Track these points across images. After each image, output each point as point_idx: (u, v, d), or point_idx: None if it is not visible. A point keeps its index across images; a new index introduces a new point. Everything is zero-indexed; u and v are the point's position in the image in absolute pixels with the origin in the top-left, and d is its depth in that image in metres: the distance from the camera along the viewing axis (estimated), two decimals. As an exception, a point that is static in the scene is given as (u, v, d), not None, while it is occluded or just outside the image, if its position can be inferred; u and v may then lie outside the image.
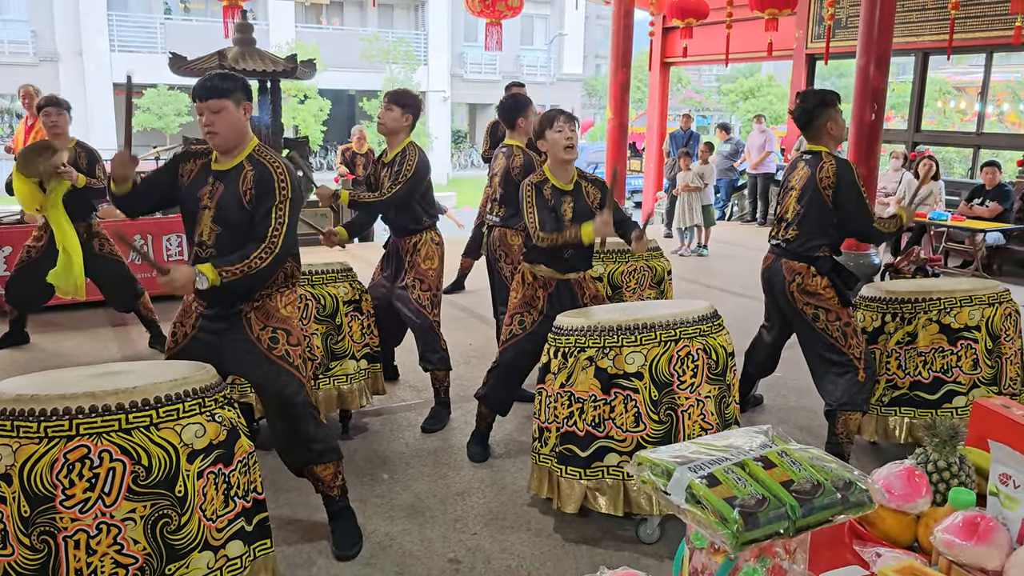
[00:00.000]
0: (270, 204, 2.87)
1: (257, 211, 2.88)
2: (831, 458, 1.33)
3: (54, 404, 2.23)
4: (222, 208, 2.91)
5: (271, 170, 2.90)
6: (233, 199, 2.90)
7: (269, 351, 2.97)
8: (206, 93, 2.86)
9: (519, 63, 30.83)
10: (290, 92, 23.77)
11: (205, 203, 2.93)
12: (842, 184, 3.72)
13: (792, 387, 5.06)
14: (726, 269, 9.06)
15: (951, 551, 1.40)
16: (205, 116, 2.87)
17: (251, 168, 2.91)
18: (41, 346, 5.78)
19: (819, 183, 3.76)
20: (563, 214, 3.72)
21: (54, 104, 5.35)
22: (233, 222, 2.90)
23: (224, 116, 2.87)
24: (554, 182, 3.74)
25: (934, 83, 19.76)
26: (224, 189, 2.91)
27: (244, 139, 2.96)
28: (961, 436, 1.68)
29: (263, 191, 2.88)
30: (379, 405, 4.64)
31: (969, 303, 3.90)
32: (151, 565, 2.29)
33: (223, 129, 2.87)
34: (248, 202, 2.89)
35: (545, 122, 3.69)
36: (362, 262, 4.69)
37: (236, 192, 2.90)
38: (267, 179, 2.89)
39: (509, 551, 3.19)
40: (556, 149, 3.69)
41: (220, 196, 2.91)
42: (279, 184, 2.89)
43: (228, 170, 2.93)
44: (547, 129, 3.68)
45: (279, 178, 2.89)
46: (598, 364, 3.13)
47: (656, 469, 1.29)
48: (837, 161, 3.77)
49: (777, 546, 1.23)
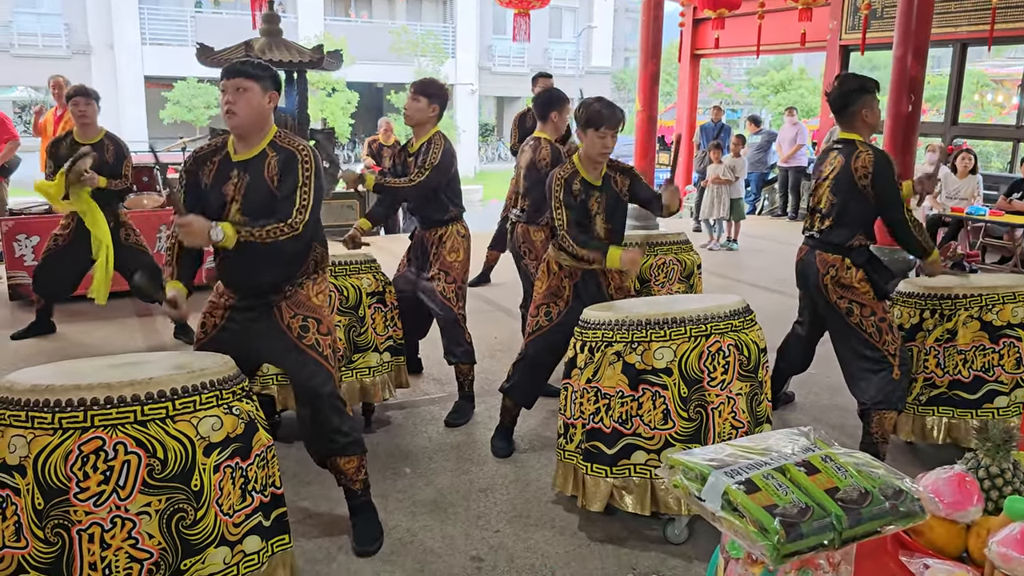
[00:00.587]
0: (293, 184, 2.84)
1: (280, 191, 2.84)
2: (879, 463, 1.23)
3: (69, 395, 2.19)
4: (249, 198, 2.87)
5: (295, 152, 2.87)
6: (260, 186, 2.86)
7: (299, 339, 2.94)
8: (234, 72, 2.83)
9: (547, 56, 30.69)
10: (318, 85, 23.83)
11: (232, 196, 2.89)
12: (880, 178, 3.59)
13: (825, 385, 4.93)
14: (756, 264, 8.91)
15: (1008, 565, 1.30)
16: (228, 94, 2.82)
17: (275, 154, 2.88)
18: (67, 336, 5.79)
19: (854, 172, 3.63)
20: (590, 208, 3.65)
21: (83, 94, 5.34)
22: (260, 210, 2.85)
23: (247, 97, 2.82)
24: (584, 175, 3.65)
25: (971, 76, 19.34)
26: (250, 178, 2.87)
27: (265, 127, 2.91)
28: (1015, 440, 1.58)
29: (287, 171, 2.85)
30: (402, 398, 4.59)
31: (1012, 300, 3.76)
32: (166, 560, 2.24)
33: (243, 110, 2.82)
34: (276, 187, 2.85)
35: (592, 120, 3.56)
36: (387, 254, 4.65)
37: (262, 179, 2.86)
38: (291, 161, 2.86)
39: (533, 549, 3.12)
40: (591, 151, 3.62)
41: (247, 186, 2.87)
42: (303, 165, 2.86)
43: (251, 159, 2.89)
44: (591, 128, 3.58)
45: (303, 159, 2.86)
46: (626, 359, 3.04)
47: (689, 473, 1.21)
48: (874, 151, 3.64)
49: (820, 558, 1.15)
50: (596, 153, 3.61)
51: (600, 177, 3.69)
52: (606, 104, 3.64)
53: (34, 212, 6.80)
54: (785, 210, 12.28)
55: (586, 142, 3.62)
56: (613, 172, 3.73)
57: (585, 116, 3.60)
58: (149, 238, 6.18)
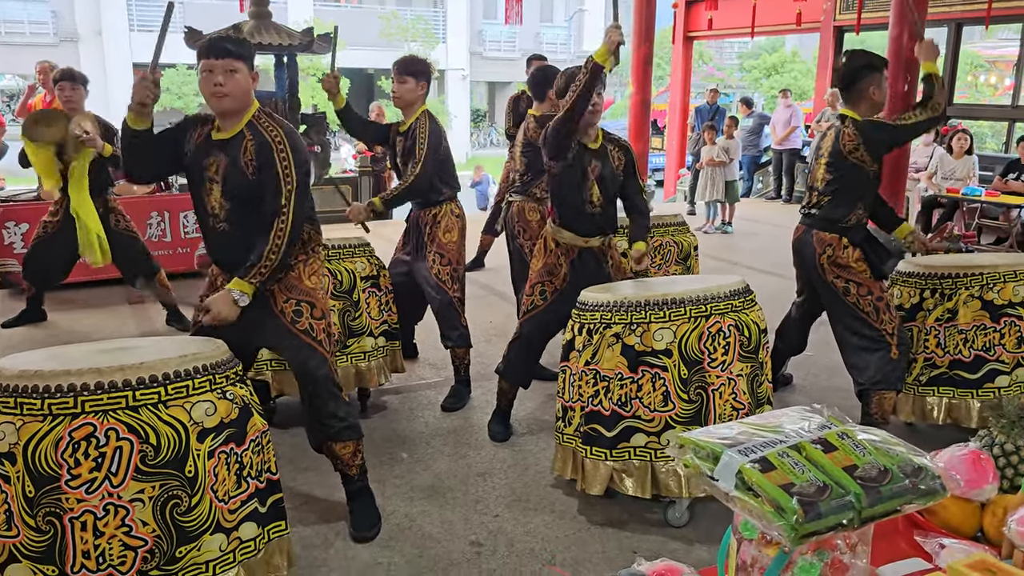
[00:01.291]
0: (275, 181, 2.77)
1: (265, 187, 2.78)
2: (897, 440, 1.20)
3: (59, 380, 2.14)
4: (229, 182, 2.81)
5: (268, 139, 2.79)
6: (236, 170, 2.80)
7: (292, 324, 2.90)
8: (221, 51, 2.75)
9: (539, 40, 30.47)
10: (308, 71, 23.62)
11: (212, 176, 2.84)
12: (869, 141, 3.59)
13: (823, 366, 4.91)
14: (752, 246, 8.88)
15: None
16: (218, 75, 2.74)
17: (251, 137, 2.81)
18: (58, 323, 5.72)
19: (842, 148, 3.63)
20: (587, 169, 3.58)
21: (69, 78, 5.25)
22: (242, 195, 2.81)
23: (236, 79, 2.76)
24: (581, 139, 3.59)
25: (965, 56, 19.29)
26: (228, 161, 2.81)
27: (247, 106, 2.85)
28: (1030, 417, 1.54)
29: (264, 163, 2.78)
30: (398, 383, 4.54)
31: (1013, 278, 3.73)
32: (161, 547, 2.19)
33: (233, 90, 2.76)
34: (252, 173, 2.79)
35: (571, 83, 3.50)
36: (381, 239, 4.59)
37: (238, 162, 2.80)
38: (266, 149, 2.78)
39: (532, 534, 3.09)
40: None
41: (225, 169, 2.81)
42: (278, 150, 2.78)
43: (229, 139, 2.83)
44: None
45: (277, 146, 2.78)
46: (625, 341, 3.00)
47: (700, 452, 1.16)
48: (854, 123, 3.63)
49: (837, 539, 1.11)
50: (588, 114, 3.51)
51: (597, 141, 3.62)
52: (580, 67, 3.56)
53: (23, 199, 6.72)
54: (780, 193, 12.24)
55: None
56: (611, 145, 3.66)
57: (564, 82, 3.57)
58: (139, 225, 6.10)
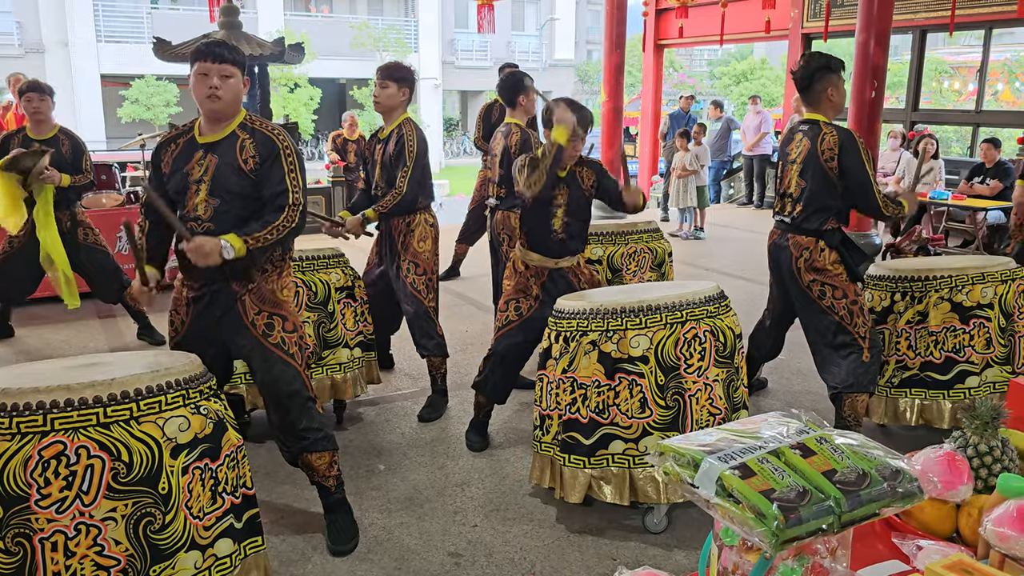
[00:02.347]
0: (281, 171, 2.81)
1: (268, 179, 2.81)
2: (874, 444, 1.20)
3: (27, 398, 2.10)
4: (218, 180, 2.80)
5: (271, 136, 2.84)
6: (230, 168, 2.80)
7: (264, 337, 2.88)
8: (219, 57, 2.78)
9: (510, 49, 30.58)
10: (280, 81, 23.51)
11: (197, 177, 2.82)
12: (845, 153, 3.57)
13: (796, 369, 4.95)
14: (725, 252, 8.94)
15: (1005, 544, 1.27)
16: (214, 78, 2.77)
17: (247, 136, 2.83)
18: (25, 339, 5.63)
19: (820, 155, 3.61)
20: (555, 198, 3.65)
21: (36, 89, 5.19)
22: (232, 192, 2.80)
23: (231, 84, 2.81)
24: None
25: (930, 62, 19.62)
26: (219, 160, 2.81)
27: (237, 111, 2.89)
28: (1003, 417, 1.56)
29: (268, 157, 2.81)
30: (374, 394, 4.51)
31: (981, 280, 3.78)
32: (134, 567, 2.16)
33: (227, 95, 2.79)
34: (251, 171, 2.80)
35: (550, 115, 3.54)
36: (354, 248, 4.56)
37: (233, 161, 2.80)
38: (270, 144, 2.82)
39: (511, 543, 3.08)
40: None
41: (216, 168, 2.80)
42: (284, 148, 2.83)
43: (220, 140, 2.83)
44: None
45: (282, 142, 2.84)
46: (601, 348, 3.01)
47: (680, 459, 1.16)
48: (839, 131, 3.63)
49: (818, 543, 1.11)
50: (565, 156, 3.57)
51: (564, 169, 3.64)
52: (574, 105, 3.60)
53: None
54: (751, 198, 12.33)
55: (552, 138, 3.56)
56: (580, 167, 3.69)
57: (548, 116, 3.57)
58: (109, 237, 6.02)
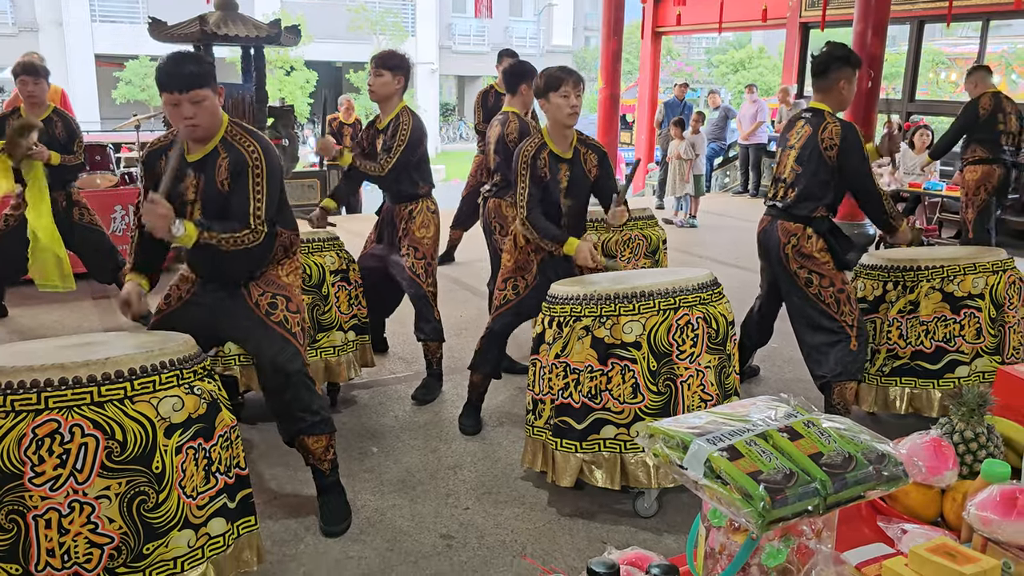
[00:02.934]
0: (245, 192, 2.75)
1: (233, 193, 2.76)
2: (861, 428, 1.22)
3: (21, 376, 2.10)
4: (206, 202, 2.80)
5: (245, 155, 2.77)
6: (213, 189, 2.78)
7: (267, 316, 2.89)
8: (186, 83, 2.64)
9: (508, 34, 30.46)
10: (276, 64, 23.39)
11: (190, 198, 2.81)
12: (848, 149, 3.60)
13: (787, 358, 4.97)
14: (718, 240, 8.96)
15: (987, 528, 1.29)
16: (184, 108, 2.66)
17: (225, 154, 2.78)
18: (19, 319, 5.62)
19: (820, 143, 3.64)
20: (559, 182, 3.59)
21: (31, 72, 5.14)
22: (220, 212, 2.79)
23: (205, 106, 2.69)
24: (552, 148, 3.59)
25: (927, 54, 19.61)
26: (205, 180, 2.79)
27: (218, 123, 2.80)
28: (989, 404, 1.58)
29: (237, 173, 2.76)
30: (368, 378, 4.53)
31: (973, 271, 3.80)
32: (128, 544, 2.17)
33: (205, 120, 2.71)
34: (227, 192, 2.77)
35: (551, 83, 3.49)
36: (349, 233, 4.57)
37: (215, 182, 2.78)
38: (241, 163, 2.76)
39: (503, 526, 3.10)
40: (558, 115, 3.53)
41: (204, 189, 2.79)
42: (253, 166, 2.76)
43: (203, 158, 2.80)
44: (552, 92, 3.49)
45: (253, 161, 2.76)
46: (595, 334, 3.02)
47: (670, 441, 1.18)
48: (842, 123, 3.65)
49: (803, 524, 1.13)
50: (564, 115, 3.52)
51: (570, 149, 3.62)
52: (561, 67, 3.59)
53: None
54: (746, 187, 12.35)
55: (551, 109, 3.54)
56: (584, 148, 3.66)
57: (544, 82, 3.53)
58: (104, 218, 6.02)
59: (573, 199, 3.66)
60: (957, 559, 1.19)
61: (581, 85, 3.53)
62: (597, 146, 3.71)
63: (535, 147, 3.59)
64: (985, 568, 1.18)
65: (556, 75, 3.51)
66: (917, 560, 1.22)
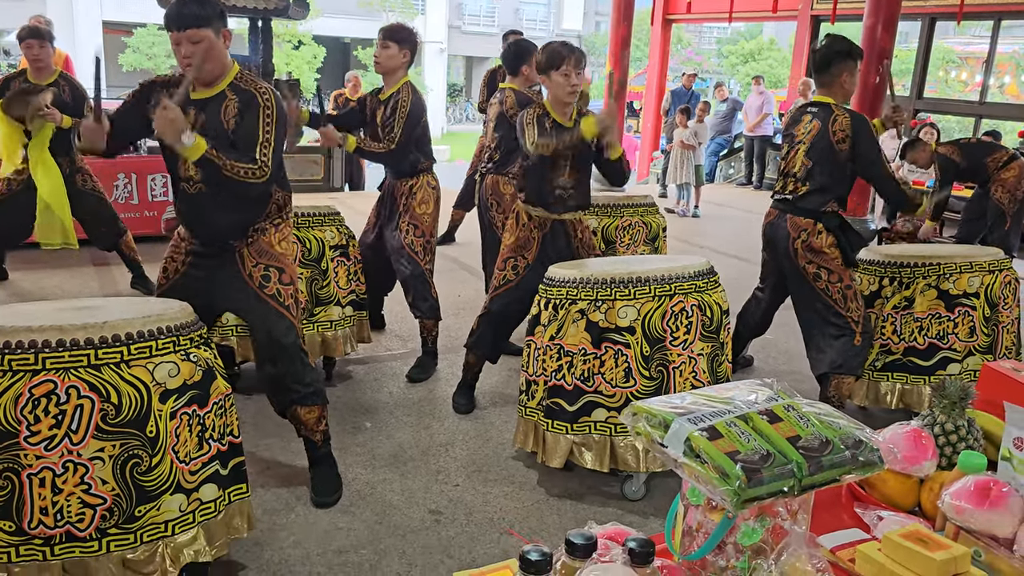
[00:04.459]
0: (253, 127, 2.74)
1: (240, 128, 2.74)
2: (840, 414, 1.24)
3: (19, 336, 2.13)
4: (207, 139, 2.75)
5: (256, 94, 2.77)
6: (216, 128, 2.76)
7: (260, 289, 2.90)
8: (184, 22, 2.67)
9: (518, 16, 30.36)
10: (284, 37, 23.29)
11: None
12: (860, 138, 3.60)
13: (783, 349, 5.00)
14: (721, 231, 8.97)
15: (960, 516, 1.32)
16: (184, 47, 2.69)
17: (234, 96, 2.78)
18: (20, 283, 5.65)
19: (832, 136, 3.64)
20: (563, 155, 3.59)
21: (36, 35, 5.14)
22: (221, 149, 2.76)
23: (205, 47, 2.70)
24: (555, 116, 3.60)
25: (938, 51, 19.52)
26: (207, 118, 2.77)
27: (225, 67, 2.81)
28: (971, 398, 1.60)
29: (246, 113, 2.75)
30: (364, 353, 4.56)
31: (969, 269, 3.83)
32: (120, 506, 2.20)
33: (202, 61, 2.70)
34: (232, 131, 2.76)
35: (553, 60, 3.49)
36: (351, 210, 4.58)
37: (218, 122, 2.76)
38: (252, 102, 2.76)
39: (491, 504, 3.14)
40: (559, 92, 3.54)
41: (203, 127, 2.76)
42: (264, 108, 2.76)
43: (209, 99, 2.79)
44: (552, 70, 3.50)
45: (264, 102, 2.76)
46: (589, 317, 3.04)
47: (652, 420, 1.20)
48: (851, 114, 3.65)
49: (779, 505, 1.15)
50: (564, 93, 3.53)
51: (572, 120, 3.63)
52: (563, 43, 3.59)
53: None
54: (751, 179, 12.34)
55: (552, 86, 3.55)
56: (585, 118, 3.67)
57: (545, 59, 3.54)
58: (106, 186, 6.02)
59: (577, 170, 3.64)
60: (929, 545, 1.22)
61: (583, 63, 3.54)
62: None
63: (540, 111, 3.59)
64: (956, 555, 1.21)
65: (558, 52, 3.51)
66: (890, 545, 1.25)
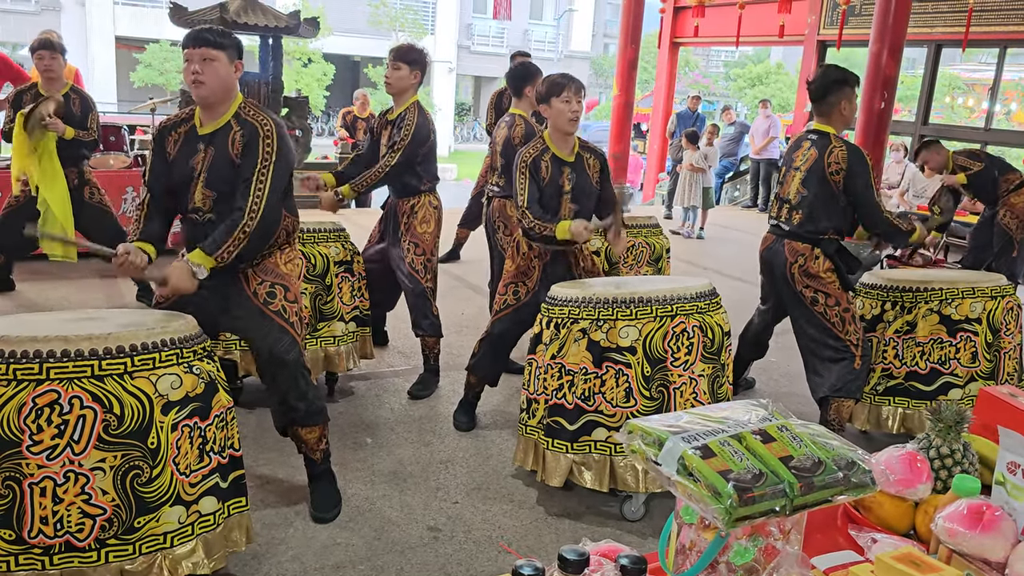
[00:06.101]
0: (253, 166, 2.79)
1: (241, 171, 2.80)
2: (833, 435, 1.25)
3: (24, 346, 2.15)
4: (213, 173, 2.83)
5: (259, 128, 2.82)
6: (224, 161, 2.82)
7: (265, 305, 2.92)
8: (200, 41, 2.78)
9: (527, 37, 30.52)
10: (294, 55, 23.48)
11: (199, 170, 2.85)
12: (853, 173, 3.61)
13: (784, 372, 5.00)
14: (724, 253, 8.98)
15: (953, 540, 1.33)
16: (194, 64, 2.77)
17: (239, 128, 2.83)
18: (26, 294, 5.68)
19: (826, 167, 3.65)
20: (562, 185, 3.62)
21: (47, 47, 5.21)
22: (227, 185, 2.82)
23: (214, 68, 2.78)
24: (555, 151, 3.62)
25: (944, 78, 19.60)
26: (215, 153, 2.83)
27: (229, 97, 2.86)
28: (967, 422, 1.61)
29: (248, 150, 2.80)
30: (366, 369, 4.57)
31: (971, 295, 3.83)
32: (120, 517, 2.22)
33: (211, 80, 2.77)
34: (237, 161, 2.81)
35: (552, 89, 3.54)
36: (355, 225, 4.61)
37: (226, 154, 2.82)
38: (254, 138, 2.81)
39: (490, 521, 3.13)
40: (559, 120, 3.57)
41: (212, 161, 2.83)
42: (264, 144, 2.80)
43: (215, 132, 2.84)
44: (553, 97, 3.54)
45: (265, 137, 2.81)
46: (591, 336, 3.05)
47: (647, 438, 1.21)
48: (848, 147, 3.66)
49: (771, 525, 1.16)
50: (565, 121, 3.56)
51: (572, 153, 3.66)
52: (562, 74, 3.65)
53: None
54: (756, 201, 12.36)
55: (553, 115, 3.58)
56: (586, 152, 3.70)
57: (546, 88, 3.58)
58: (115, 199, 6.07)
59: (578, 205, 3.67)
60: (921, 568, 1.22)
61: (582, 92, 3.59)
62: (598, 151, 3.75)
63: (536, 151, 3.61)
64: (947, 578, 1.21)
65: (558, 81, 3.56)
66: (883, 567, 1.25)
